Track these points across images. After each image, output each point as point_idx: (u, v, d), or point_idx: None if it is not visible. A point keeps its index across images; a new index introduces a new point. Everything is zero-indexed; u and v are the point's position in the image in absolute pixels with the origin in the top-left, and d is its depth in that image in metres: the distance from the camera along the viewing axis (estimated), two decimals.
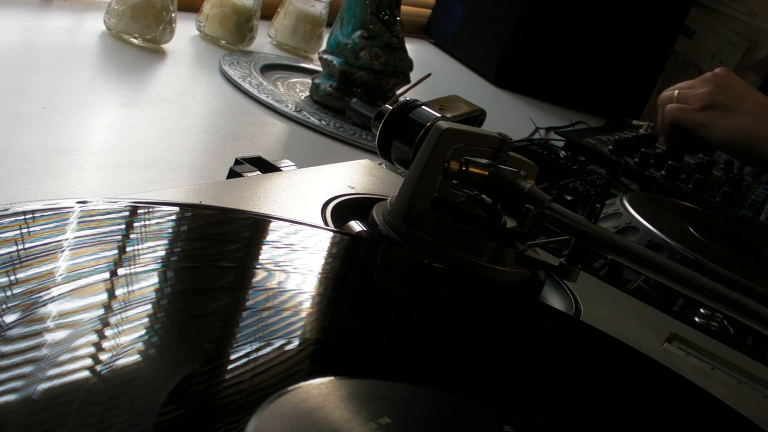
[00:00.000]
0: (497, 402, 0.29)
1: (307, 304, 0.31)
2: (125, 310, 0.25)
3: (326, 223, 0.42)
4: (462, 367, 0.31)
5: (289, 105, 0.82)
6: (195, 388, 0.23)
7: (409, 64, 0.89)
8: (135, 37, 0.83)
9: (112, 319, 0.25)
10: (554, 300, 0.44)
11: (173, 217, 0.33)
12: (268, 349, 0.26)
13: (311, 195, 0.45)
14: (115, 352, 0.23)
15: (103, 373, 0.22)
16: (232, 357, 0.25)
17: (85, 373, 0.22)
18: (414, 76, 0.92)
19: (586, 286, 0.47)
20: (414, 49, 1.12)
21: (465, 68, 1.48)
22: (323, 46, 0.90)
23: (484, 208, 0.42)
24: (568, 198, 0.77)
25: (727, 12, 1.82)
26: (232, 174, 0.45)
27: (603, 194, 0.86)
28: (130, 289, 0.26)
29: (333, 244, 0.37)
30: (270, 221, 0.36)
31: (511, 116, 1.27)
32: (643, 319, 0.46)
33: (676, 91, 1.10)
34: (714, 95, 1.05)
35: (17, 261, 0.25)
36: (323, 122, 0.81)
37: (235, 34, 0.97)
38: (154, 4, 0.82)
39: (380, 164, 0.56)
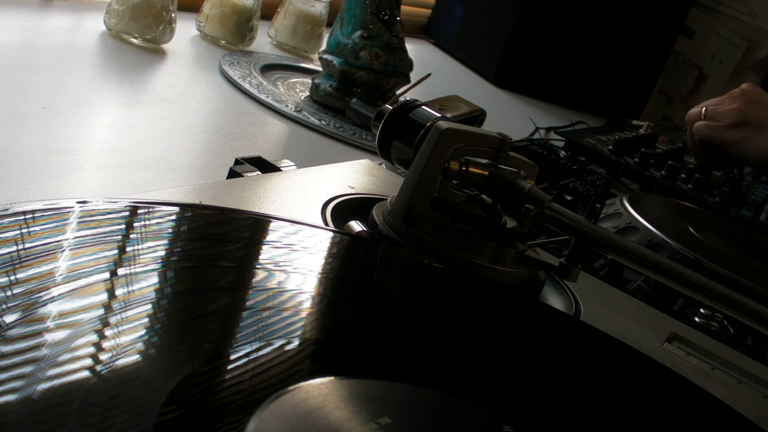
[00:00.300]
0: (497, 402, 0.29)
1: (307, 304, 0.31)
2: (125, 310, 0.25)
3: (326, 223, 0.42)
4: (462, 367, 0.31)
5: (289, 105, 0.82)
6: (195, 388, 0.23)
7: (409, 64, 0.89)
8: (135, 37, 0.83)
9: (112, 319, 0.25)
10: (554, 300, 0.44)
11: (173, 217, 0.33)
12: (268, 349, 0.26)
13: (311, 195, 0.45)
14: (115, 352, 0.23)
15: (103, 373, 0.22)
16: (232, 357, 0.25)
17: (85, 373, 0.22)
18: (414, 76, 0.92)
19: (586, 286, 0.47)
20: (414, 49, 1.12)
21: (465, 68, 1.48)
22: (323, 46, 0.90)
23: (484, 208, 0.42)
24: (568, 198, 0.77)
25: (727, 12, 1.82)
26: (232, 174, 0.45)
27: (603, 194, 0.86)
28: (130, 289, 0.26)
29: (333, 244, 0.37)
30: (270, 221, 0.36)
31: (511, 116, 1.27)
32: (643, 319, 0.46)
33: (704, 108, 1.08)
34: (744, 111, 1.03)
35: (17, 261, 0.25)
36: (323, 122, 0.81)
37: (235, 34, 0.97)
38: (154, 4, 0.82)
39: (380, 164, 0.56)
